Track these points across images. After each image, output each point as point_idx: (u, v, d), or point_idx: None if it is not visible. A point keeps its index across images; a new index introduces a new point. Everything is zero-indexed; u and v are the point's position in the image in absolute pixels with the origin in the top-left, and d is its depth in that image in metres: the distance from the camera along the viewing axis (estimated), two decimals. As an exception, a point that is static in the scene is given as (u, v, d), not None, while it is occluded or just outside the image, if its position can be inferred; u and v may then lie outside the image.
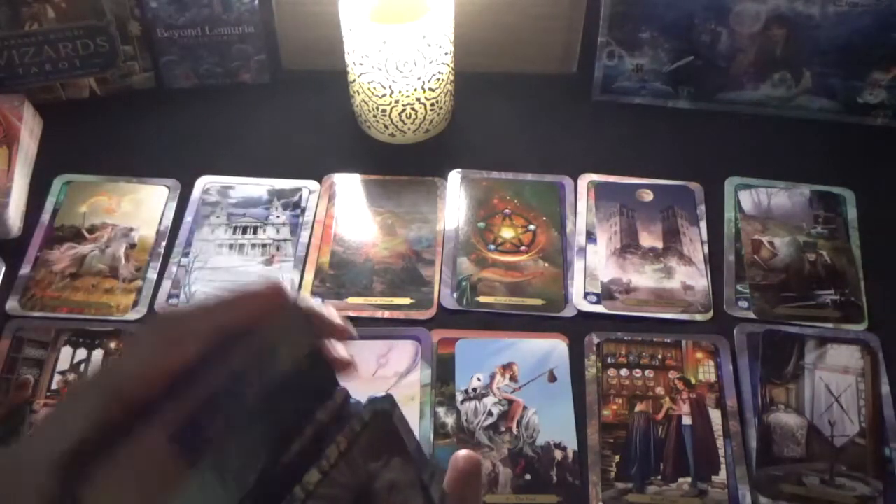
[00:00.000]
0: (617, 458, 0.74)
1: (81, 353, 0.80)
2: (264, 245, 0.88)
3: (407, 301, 0.84)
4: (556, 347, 0.81)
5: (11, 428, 0.75)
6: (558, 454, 0.75)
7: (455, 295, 0.84)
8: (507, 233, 0.89)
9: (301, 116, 1.00)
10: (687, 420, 0.76)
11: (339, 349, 0.40)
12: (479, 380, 0.79)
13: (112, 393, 0.34)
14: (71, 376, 0.78)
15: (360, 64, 0.89)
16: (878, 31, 0.92)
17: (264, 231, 0.89)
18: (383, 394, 0.36)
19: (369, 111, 0.94)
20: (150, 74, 1.01)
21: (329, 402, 0.36)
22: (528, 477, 0.74)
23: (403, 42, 0.86)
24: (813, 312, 0.83)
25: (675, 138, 0.98)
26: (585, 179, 0.93)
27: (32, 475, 0.32)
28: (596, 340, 0.81)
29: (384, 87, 0.90)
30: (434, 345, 0.81)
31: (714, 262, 0.87)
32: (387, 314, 0.83)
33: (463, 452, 0.40)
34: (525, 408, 0.77)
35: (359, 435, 0.35)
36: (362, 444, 0.35)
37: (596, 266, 0.86)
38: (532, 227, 0.90)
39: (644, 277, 0.86)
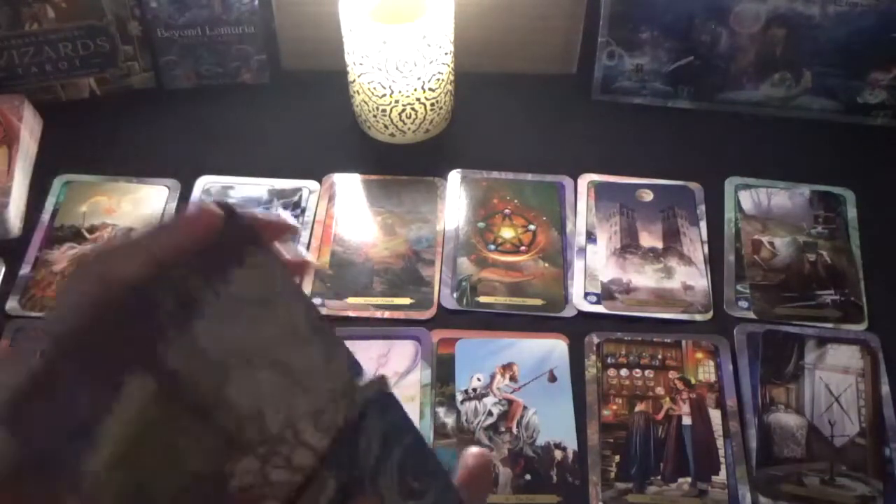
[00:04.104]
0: (617, 458, 0.74)
1: (81, 353, 0.80)
2: (264, 245, 0.88)
3: (407, 301, 0.84)
4: (556, 347, 0.81)
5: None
6: (558, 454, 0.75)
7: (455, 295, 0.84)
8: (507, 233, 0.89)
9: (301, 116, 1.00)
10: (687, 420, 0.76)
11: (291, 250, 0.38)
12: (479, 380, 0.79)
13: (50, 343, 0.33)
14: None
15: (360, 64, 0.89)
16: (878, 31, 0.92)
17: (264, 231, 0.89)
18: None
19: (369, 111, 0.94)
20: (150, 74, 1.01)
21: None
22: (528, 477, 0.74)
23: (403, 42, 0.86)
24: (813, 312, 0.83)
25: (675, 138, 0.98)
26: (585, 179, 0.93)
27: None
28: (596, 340, 0.81)
29: (384, 87, 0.90)
30: (434, 345, 0.81)
31: (714, 262, 0.87)
32: (387, 314, 0.83)
33: (473, 450, 0.40)
34: (525, 408, 0.77)
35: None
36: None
37: (596, 266, 0.86)
38: (532, 227, 0.90)
39: (644, 277, 0.86)
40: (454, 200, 0.92)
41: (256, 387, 0.31)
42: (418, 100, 0.92)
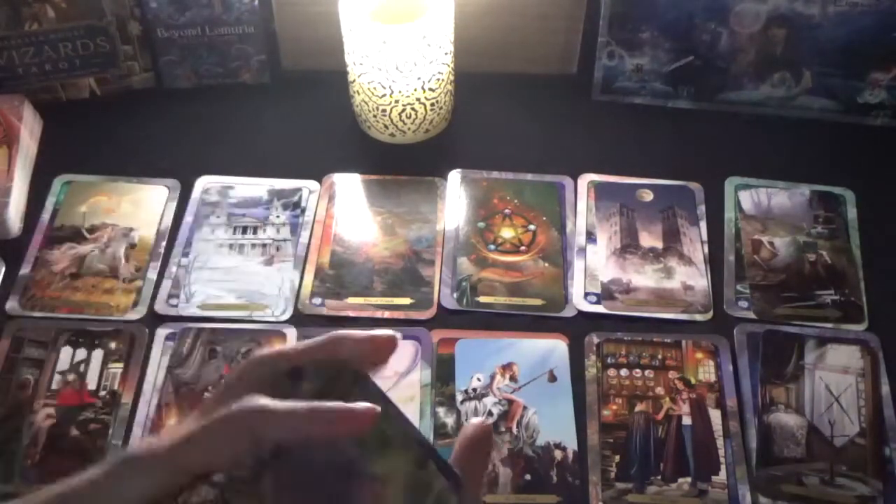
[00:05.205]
0: (617, 458, 0.74)
1: (81, 353, 0.80)
2: (264, 245, 0.88)
3: (407, 301, 0.84)
4: (556, 347, 0.81)
5: (12, 428, 0.75)
6: (558, 454, 0.75)
7: (455, 295, 0.84)
8: (507, 233, 0.89)
9: (301, 116, 1.00)
10: (687, 420, 0.76)
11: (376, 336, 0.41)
12: (479, 380, 0.79)
13: (181, 473, 0.35)
14: (71, 376, 0.78)
15: (360, 64, 0.89)
16: (878, 31, 0.92)
17: (264, 231, 0.89)
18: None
19: (369, 111, 0.94)
20: (150, 74, 1.01)
21: None
22: (528, 477, 0.74)
23: (403, 42, 0.86)
24: (813, 312, 0.83)
25: (675, 138, 0.98)
26: (585, 179, 0.93)
27: None
28: (596, 340, 0.81)
29: (384, 87, 0.90)
30: (434, 345, 0.81)
31: (714, 262, 0.87)
32: (387, 314, 0.83)
33: (475, 420, 0.40)
34: (525, 408, 0.77)
35: None
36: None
37: (596, 266, 0.86)
38: (532, 227, 0.90)
39: (644, 277, 0.86)
40: (454, 200, 0.92)
41: None
42: (418, 100, 0.92)
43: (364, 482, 0.36)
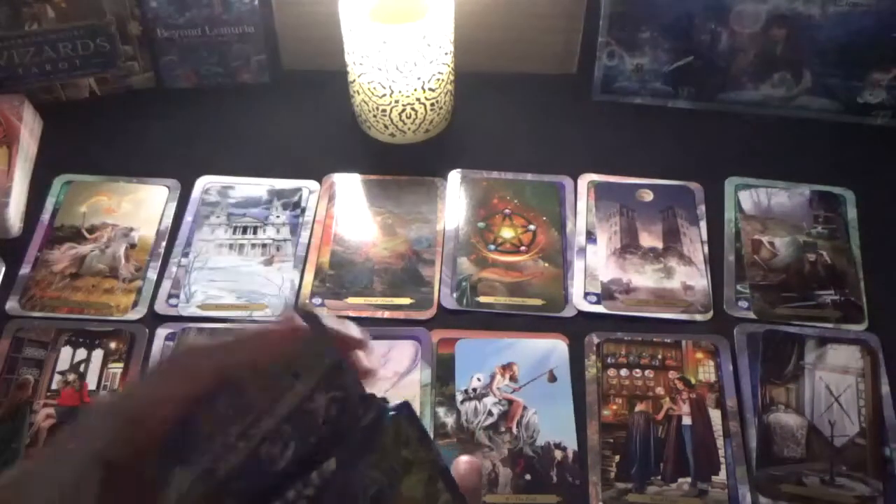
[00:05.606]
0: (617, 458, 0.74)
1: (81, 353, 0.80)
2: (264, 245, 0.88)
3: (407, 301, 0.84)
4: (556, 347, 0.81)
5: (12, 428, 0.75)
6: (558, 454, 0.75)
7: (455, 295, 0.84)
8: (507, 233, 0.89)
9: (301, 116, 1.00)
10: (687, 420, 0.76)
11: (362, 359, 0.43)
12: (478, 380, 0.79)
13: (128, 417, 0.36)
14: (71, 376, 0.78)
15: (360, 64, 0.89)
16: (878, 31, 0.92)
17: (264, 231, 0.89)
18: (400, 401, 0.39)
19: (369, 111, 0.94)
20: (150, 74, 1.01)
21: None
22: (528, 477, 0.74)
23: (403, 42, 0.86)
24: (813, 312, 0.83)
25: (675, 138, 0.98)
26: (585, 179, 0.93)
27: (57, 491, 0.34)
28: (596, 340, 0.81)
29: (384, 87, 0.90)
30: (434, 345, 0.81)
31: (714, 262, 0.87)
32: (387, 314, 0.83)
33: (465, 458, 0.41)
34: (525, 408, 0.77)
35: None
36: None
37: (596, 266, 0.86)
38: (532, 227, 0.90)
39: (644, 277, 0.86)
40: (454, 200, 0.92)
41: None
42: (418, 100, 0.92)
43: (395, 502, 0.37)
